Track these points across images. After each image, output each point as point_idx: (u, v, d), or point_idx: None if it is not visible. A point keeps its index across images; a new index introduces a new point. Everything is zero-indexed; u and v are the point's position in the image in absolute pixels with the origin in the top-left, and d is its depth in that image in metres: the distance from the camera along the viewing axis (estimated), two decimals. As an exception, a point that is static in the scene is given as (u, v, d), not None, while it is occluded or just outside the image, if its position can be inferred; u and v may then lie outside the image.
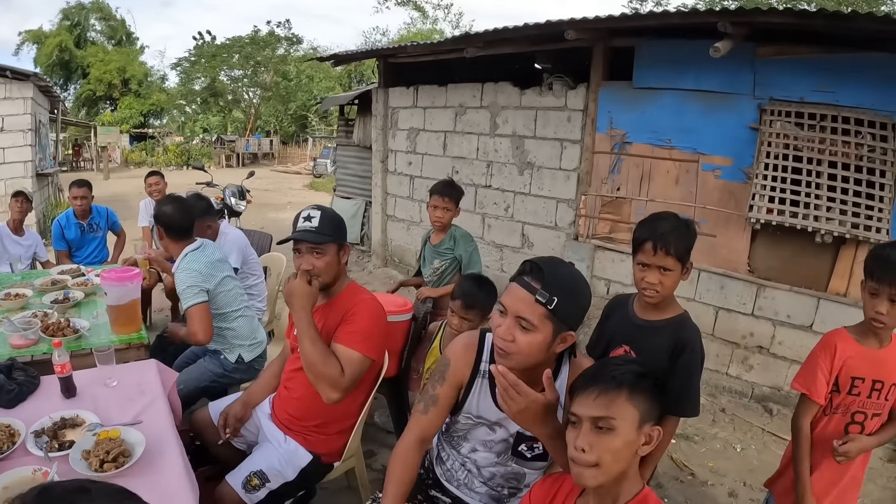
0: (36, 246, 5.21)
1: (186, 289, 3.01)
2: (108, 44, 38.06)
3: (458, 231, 3.69)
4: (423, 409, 1.89)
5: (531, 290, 1.59)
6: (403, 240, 7.72)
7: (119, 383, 2.57)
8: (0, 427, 2.15)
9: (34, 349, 2.98)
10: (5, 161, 10.20)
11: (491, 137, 6.12)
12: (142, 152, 33.13)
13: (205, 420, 2.75)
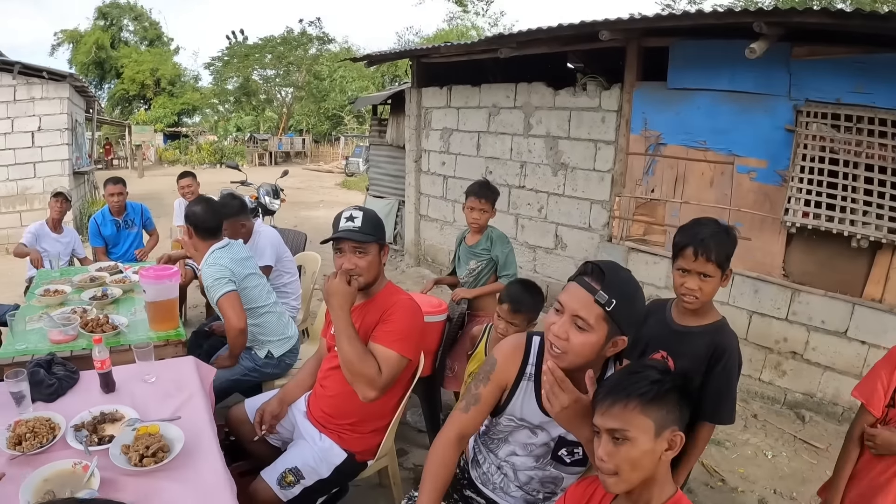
0: (74, 243, 5.45)
1: (214, 281, 3.15)
2: (142, 45, 39.16)
3: (494, 232, 3.74)
4: (464, 408, 1.91)
5: (591, 290, 1.61)
6: (436, 239, 7.86)
7: (157, 379, 2.66)
8: (40, 420, 2.23)
9: (73, 345, 3.09)
10: (43, 160, 10.56)
11: (525, 138, 6.20)
12: (175, 151, 33.99)
13: (241, 416, 2.83)
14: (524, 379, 1.88)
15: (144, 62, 36.41)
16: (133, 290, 4.03)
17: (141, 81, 36.08)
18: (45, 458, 2.04)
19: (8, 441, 2.10)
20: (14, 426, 2.18)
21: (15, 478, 1.93)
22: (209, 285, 3.18)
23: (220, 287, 3.13)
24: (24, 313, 3.55)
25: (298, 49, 34.10)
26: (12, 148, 10.33)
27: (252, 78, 35.94)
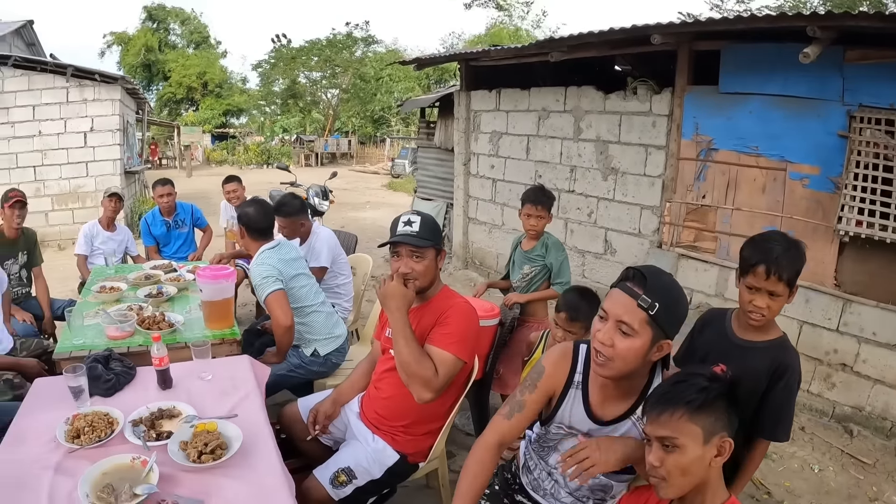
0: (127, 240, 5.70)
1: (263, 280, 3.29)
2: (189, 47, 40.39)
3: (550, 239, 3.80)
4: (507, 414, 1.95)
5: (633, 294, 1.67)
6: (484, 242, 7.98)
7: (213, 377, 2.75)
8: (99, 415, 2.30)
9: (130, 341, 3.20)
10: (95, 159, 11.09)
11: (574, 142, 6.28)
12: (223, 151, 34.99)
13: (294, 415, 2.92)
14: (572, 387, 1.93)
15: (191, 65, 37.63)
16: (187, 288, 4.18)
17: (188, 84, 37.28)
18: (102, 451, 2.12)
19: (66, 434, 2.19)
20: (72, 420, 2.28)
21: (72, 470, 2.03)
22: (257, 283, 3.33)
23: (267, 285, 3.27)
24: (81, 309, 3.72)
25: (344, 51, 34.87)
26: (66, 148, 10.91)
27: (298, 80, 36.90)
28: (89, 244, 5.41)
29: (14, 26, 14.52)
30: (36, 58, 12.24)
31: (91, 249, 5.43)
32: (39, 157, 10.94)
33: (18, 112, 10.73)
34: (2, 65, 10.71)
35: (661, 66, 5.58)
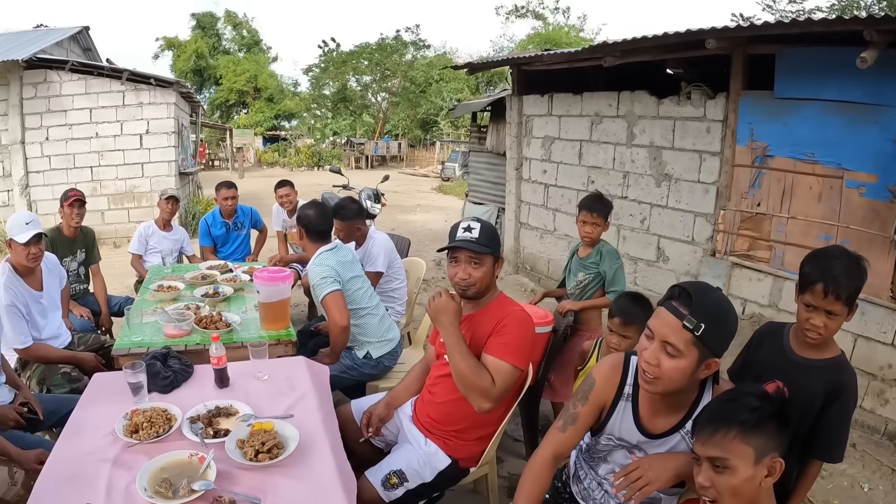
0: (183, 240, 5.90)
1: (321, 280, 3.40)
2: (240, 52, 41.50)
3: (605, 247, 3.83)
4: (562, 427, 1.98)
5: (679, 315, 1.67)
6: (536, 248, 8.09)
7: (270, 377, 2.84)
8: (157, 411, 2.39)
9: (188, 339, 3.33)
10: (150, 161, 11.59)
11: (627, 147, 6.34)
12: (274, 153, 35.88)
13: (346, 416, 2.95)
14: (622, 399, 1.96)
15: (243, 71, 38.67)
16: (243, 288, 4.33)
17: (239, 90, 38.36)
18: (160, 447, 2.20)
19: (125, 429, 2.29)
20: (131, 415, 2.38)
21: (130, 464, 2.12)
22: (315, 283, 3.44)
23: (325, 286, 3.38)
24: (139, 307, 3.89)
25: (394, 55, 35.52)
26: (122, 149, 11.45)
27: (349, 84, 37.69)
28: (143, 244, 5.62)
29: (71, 32, 15.15)
30: (92, 62, 12.85)
31: (145, 249, 5.64)
32: (96, 157, 11.51)
33: (76, 115, 11.31)
34: (60, 69, 11.33)
35: (713, 70, 5.57)
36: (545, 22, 36.40)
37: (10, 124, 11.20)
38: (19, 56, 10.95)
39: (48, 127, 11.34)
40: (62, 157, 11.43)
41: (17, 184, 11.38)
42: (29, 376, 3.55)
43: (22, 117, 11.25)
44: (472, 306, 2.60)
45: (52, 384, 3.49)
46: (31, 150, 11.39)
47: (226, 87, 39.41)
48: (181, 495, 1.88)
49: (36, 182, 11.45)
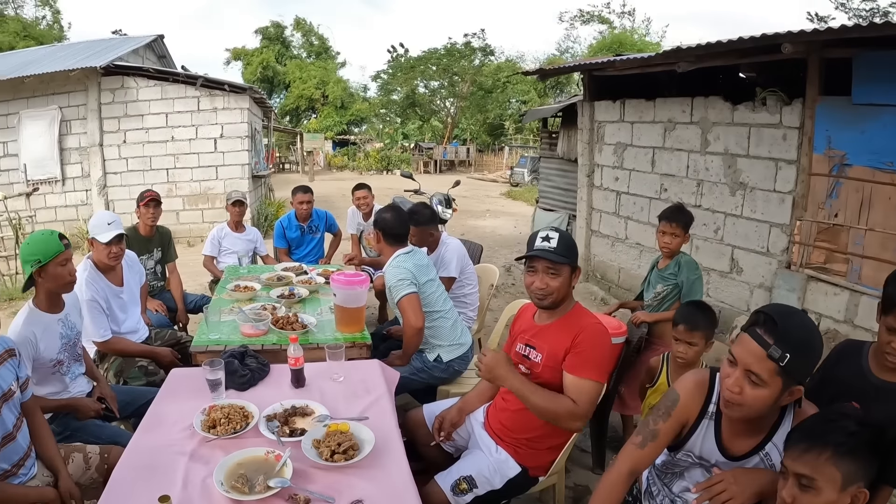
0: (256, 241, 6.15)
1: (398, 282, 3.53)
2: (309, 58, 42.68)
3: (684, 258, 3.88)
4: (640, 444, 1.99)
5: (764, 344, 1.67)
6: (607, 256, 8.13)
7: (345, 379, 2.94)
8: (235, 408, 2.51)
9: (264, 339, 3.48)
10: (224, 164, 12.23)
11: (701, 155, 6.32)
12: (344, 157, 36.89)
13: (418, 420, 3.09)
14: (706, 417, 1.98)
15: (311, 77, 39.84)
16: (318, 291, 4.49)
17: (308, 96, 39.53)
18: (237, 443, 2.31)
19: (202, 424, 2.42)
20: (209, 410, 2.51)
21: (207, 458, 2.24)
22: (392, 286, 3.57)
23: (402, 288, 3.51)
24: (216, 305, 4.09)
25: (462, 60, 36.25)
26: (196, 153, 12.12)
27: (417, 89, 38.60)
28: (216, 246, 5.93)
29: (146, 40, 16.01)
30: (168, 69, 13.55)
31: (219, 251, 5.94)
32: (172, 160, 12.24)
33: (152, 119, 12.04)
34: (136, 75, 12.05)
35: (788, 74, 5.52)
36: (610, 26, 36.74)
37: (88, 128, 12.01)
38: (97, 63, 11.70)
39: (126, 130, 12.10)
40: (139, 159, 12.21)
41: (96, 184, 12.19)
42: (107, 368, 3.79)
43: (100, 121, 12.04)
44: (549, 316, 2.66)
45: (129, 377, 3.72)
46: (108, 152, 12.19)
47: (294, 93, 40.58)
48: (257, 491, 1.97)
49: (113, 182, 12.26)
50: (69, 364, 3.09)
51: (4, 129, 12.40)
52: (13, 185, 11.79)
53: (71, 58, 13.44)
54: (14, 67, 13.28)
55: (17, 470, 2.44)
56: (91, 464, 2.69)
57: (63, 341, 3.02)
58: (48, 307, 2.98)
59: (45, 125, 12.25)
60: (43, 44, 25.19)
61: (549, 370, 2.57)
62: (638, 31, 36.23)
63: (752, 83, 5.98)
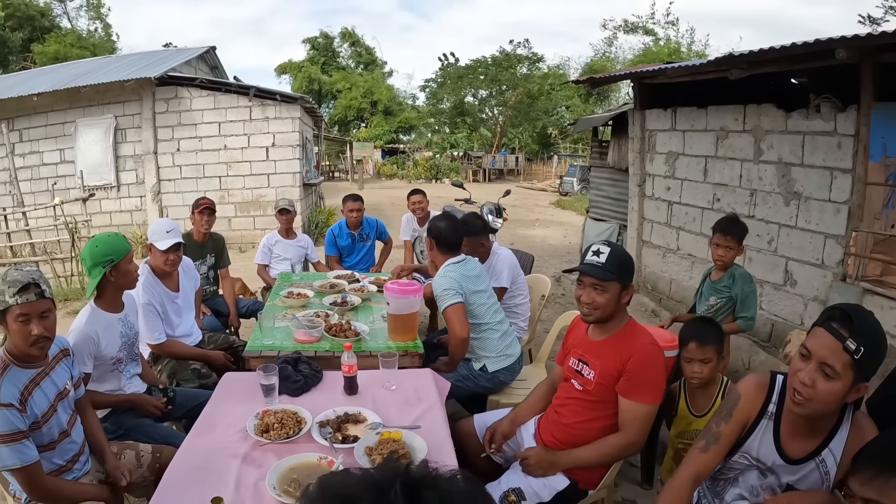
0: (308, 248, 6.33)
1: (443, 291, 3.58)
2: (357, 68, 43.86)
3: (738, 270, 3.88)
4: (704, 447, 2.03)
5: (840, 337, 1.71)
6: (658, 267, 8.10)
7: (397, 388, 3.00)
8: (288, 413, 2.58)
9: (317, 346, 3.57)
10: (276, 172, 12.68)
11: (755, 164, 6.25)
12: (393, 165, 37.54)
13: (469, 430, 3.15)
14: (765, 417, 2.01)
15: (359, 86, 40.93)
16: (370, 299, 4.59)
17: (356, 107, 40.46)
18: (289, 448, 2.37)
19: (256, 428, 2.49)
20: (262, 415, 2.58)
21: (259, 461, 2.31)
22: (438, 294, 3.62)
23: (447, 298, 3.56)
24: (270, 312, 4.21)
25: (509, 69, 36.61)
26: (249, 161, 12.58)
27: (466, 98, 39.21)
28: (267, 254, 6.12)
29: (199, 52, 16.60)
30: (220, 80, 14.03)
31: (270, 258, 6.13)
32: (225, 168, 12.74)
33: (205, 128, 12.57)
34: (189, 86, 12.53)
35: (842, 79, 5.42)
36: (655, 37, 36.88)
37: (143, 136, 12.55)
38: (152, 74, 12.22)
39: (179, 139, 12.64)
40: (192, 166, 12.74)
41: (150, 190, 12.72)
42: (160, 370, 3.94)
43: (154, 130, 12.58)
44: (602, 332, 2.67)
45: (183, 379, 3.88)
46: (162, 159, 12.75)
47: (342, 102, 41.53)
48: (308, 496, 2.08)
49: (167, 189, 12.81)
50: (126, 363, 3.25)
51: (62, 137, 13.04)
52: (70, 191, 12.38)
53: (126, 69, 14.00)
54: (70, 78, 13.91)
55: (71, 465, 2.58)
56: (143, 462, 2.83)
57: (123, 340, 3.17)
58: (110, 307, 3.15)
59: (100, 133, 12.80)
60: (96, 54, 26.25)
61: (602, 387, 2.60)
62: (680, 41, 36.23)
63: (804, 88, 5.89)
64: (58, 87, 12.94)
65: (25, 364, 2.41)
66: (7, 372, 2.32)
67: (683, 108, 7.35)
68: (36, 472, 2.31)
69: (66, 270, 9.50)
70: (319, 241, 9.37)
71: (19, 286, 2.30)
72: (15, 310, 2.30)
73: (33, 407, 2.37)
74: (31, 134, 13.28)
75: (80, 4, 37.69)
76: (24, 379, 2.38)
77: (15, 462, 2.23)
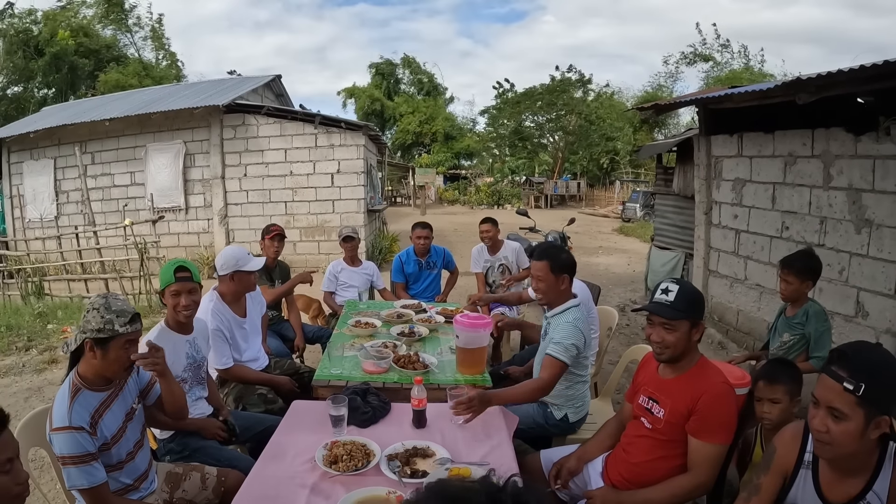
0: (374, 275, 6.45)
1: (569, 345, 3.34)
2: (418, 95, 45.14)
3: (813, 307, 3.82)
4: (745, 499, 2.08)
5: (837, 378, 1.77)
6: (725, 297, 7.96)
7: (465, 423, 2.98)
8: (357, 445, 2.63)
9: (385, 377, 3.61)
10: (341, 198, 13.10)
11: (824, 190, 6.11)
12: (454, 191, 38.05)
13: (535, 466, 3.15)
14: (802, 467, 2.03)
15: (420, 112, 42.24)
16: (437, 330, 4.62)
17: (417, 131, 41.49)
18: (358, 480, 2.39)
19: (324, 459, 2.54)
20: (331, 446, 2.63)
21: (327, 493, 2.34)
22: (557, 340, 3.37)
23: (564, 353, 3.33)
24: (338, 340, 4.33)
25: (563, 94, 37.35)
26: (314, 187, 13.07)
27: (524, 123, 39.85)
28: (333, 281, 6.27)
29: (265, 80, 17.24)
30: (286, 108, 14.56)
31: (336, 285, 6.27)
32: (290, 193, 13.26)
33: (272, 154, 13.13)
34: (256, 113, 13.01)
35: None
36: (715, 62, 36.86)
37: (211, 161, 13.14)
38: (220, 101, 12.79)
39: (246, 164, 13.21)
40: (258, 191, 13.32)
41: (217, 214, 13.26)
42: (227, 393, 4.07)
43: (222, 155, 13.15)
44: (672, 371, 2.68)
45: (249, 403, 3.99)
46: (230, 184, 13.36)
47: (402, 128, 42.60)
48: (378, 531, 2.00)
49: (234, 213, 13.39)
50: (192, 385, 3.38)
51: (132, 160, 13.74)
52: (139, 212, 13.04)
53: (194, 96, 14.66)
54: (142, 104, 14.67)
55: (138, 484, 2.71)
56: (208, 484, 2.94)
57: (188, 361, 3.32)
58: (177, 328, 3.31)
59: (170, 158, 13.44)
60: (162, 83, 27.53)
61: (671, 426, 2.61)
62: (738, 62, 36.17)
63: (870, 108, 5.75)
64: (129, 112, 13.64)
65: (97, 388, 2.54)
66: (78, 395, 2.46)
67: (750, 133, 7.28)
68: (103, 494, 2.44)
69: (134, 288, 9.98)
70: (384, 266, 9.54)
71: (129, 316, 2.47)
72: (121, 339, 2.46)
73: (103, 429, 2.50)
74: (103, 157, 14.08)
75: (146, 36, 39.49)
76: (95, 402, 2.51)
77: (83, 483, 2.36)
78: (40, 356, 7.41)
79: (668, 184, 10.10)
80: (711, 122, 8.11)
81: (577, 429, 3.75)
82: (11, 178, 16.07)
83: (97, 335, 2.42)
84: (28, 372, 6.86)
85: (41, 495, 2.94)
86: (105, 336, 2.43)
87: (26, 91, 35.44)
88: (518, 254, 6.35)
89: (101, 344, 2.44)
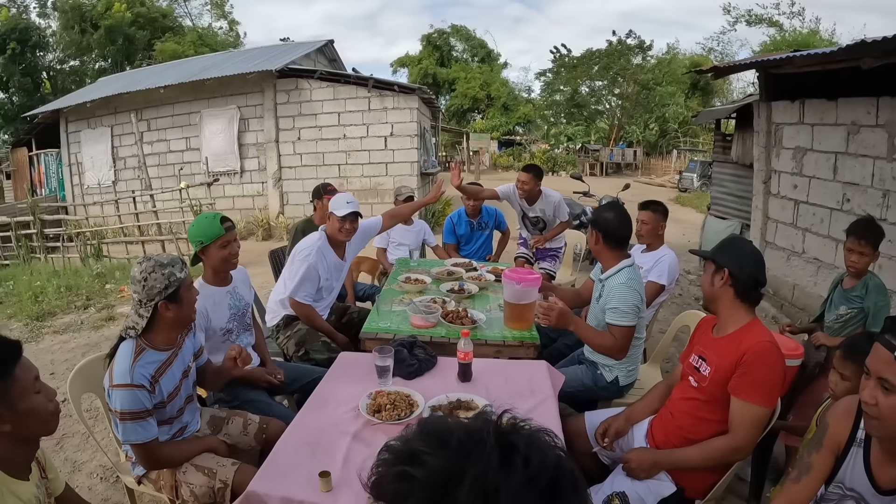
0: (424, 232, 6.49)
1: (628, 308, 3.30)
2: (472, 62, 44.98)
3: (873, 280, 3.65)
4: (795, 478, 1.99)
5: (890, 347, 1.67)
6: (780, 270, 7.71)
7: (511, 378, 3.01)
8: (401, 395, 2.67)
9: (433, 331, 3.64)
10: (394, 161, 13.24)
11: (888, 162, 5.85)
12: (509, 157, 37.85)
13: (578, 428, 3.10)
14: (854, 445, 1.92)
15: (474, 78, 41.95)
16: (487, 288, 4.62)
17: (472, 96, 41.31)
18: (399, 429, 2.17)
19: (368, 407, 2.59)
20: (375, 395, 2.69)
21: (369, 440, 2.39)
22: (613, 306, 3.34)
23: (627, 317, 3.31)
24: (387, 296, 4.35)
25: (621, 59, 36.71)
26: (367, 150, 13.20)
27: (580, 90, 39.40)
28: (386, 238, 6.26)
29: (317, 45, 17.30)
30: (339, 72, 14.61)
31: (388, 242, 6.30)
32: (344, 157, 13.44)
33: (325, 118, 13.26)
34: (309, 77, 13.08)
35: None
36: (780, 29, 35.29)
37: (265, 126, 13.30)
38: (273, 66, 12.89)
39: (300, 128, 13.39)
40: (312, 154, 13.55)
41: (271, 177, 13.50)
42: (289, 336, 4.11)
43: (276, 119, 13.31)
44: (722, 329, 2.64)
45: (313, 349, 4.01)
46: (284, 148, 13.61)
47: (459, 93, 42.32)
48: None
49: (288, 176, 13.71)
50: (238, 333, 3.44)
51: (188, 126, 13.99)
52: (195, 176, 13.28)
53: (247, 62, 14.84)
54: (195, 71, 14.92)
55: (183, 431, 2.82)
56: (249, 431, 2.98)
57: (232, 311, 3.37)
58: (216, 282, 3.34)
59: (224, 123, 13.62)
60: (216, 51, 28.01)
61: (717, 385, 2.54)
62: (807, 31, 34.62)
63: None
64: (183, 80, 13.86)
65: (161, 347, 2.62)
66: (143, 355, 2.53)
67: (812, 99, 6.99)
68: (153, 448, 2.53)
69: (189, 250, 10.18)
70: (436, 230, 9.55)
71: (178, 261, 2.62)
72: (188, 280, 2.61)
73: (162, 389, 2.58)
74: (159, 123, 14.37)
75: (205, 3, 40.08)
76: (158, 362, 2.58)
77: (138, 438, 2.46)
78: (98, 314, 7.63)
79: (727, 152, 9.87)
80: (772, 88, 7.79)
81: (625, 393, 3.68)
82: (70, 147, 16.64)
83: (167, 292, 2.53)
84: (86, 329, 7.09)
85: (94, 442, 3.06)
86: (174, 288, 2.54)
87: (83, 65, 36.31)
88: (557, 207, 5.96)
89: (172, 298, 2.56)
